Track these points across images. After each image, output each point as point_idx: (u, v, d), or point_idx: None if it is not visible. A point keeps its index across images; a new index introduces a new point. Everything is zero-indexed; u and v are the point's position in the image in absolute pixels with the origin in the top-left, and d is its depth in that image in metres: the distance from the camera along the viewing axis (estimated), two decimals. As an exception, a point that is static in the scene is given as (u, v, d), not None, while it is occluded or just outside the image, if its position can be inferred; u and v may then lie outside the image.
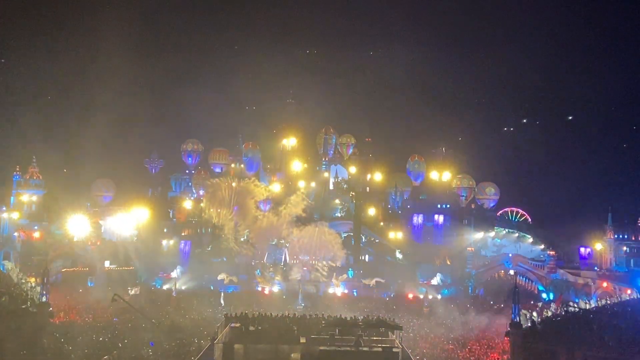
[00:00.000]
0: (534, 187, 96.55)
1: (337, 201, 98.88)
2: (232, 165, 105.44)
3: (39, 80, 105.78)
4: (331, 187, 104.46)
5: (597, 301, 60.71)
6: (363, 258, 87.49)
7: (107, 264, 77.76)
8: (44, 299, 50.50)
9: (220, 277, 76.91)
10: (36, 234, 79.22)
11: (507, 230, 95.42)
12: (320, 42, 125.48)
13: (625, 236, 79.96)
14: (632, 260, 78.14)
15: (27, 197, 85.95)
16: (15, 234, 77.15)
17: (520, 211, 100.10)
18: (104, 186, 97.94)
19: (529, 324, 53.46)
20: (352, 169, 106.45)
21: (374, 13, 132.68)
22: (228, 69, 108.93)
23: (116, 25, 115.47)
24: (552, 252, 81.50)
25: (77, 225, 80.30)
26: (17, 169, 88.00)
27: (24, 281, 57.44)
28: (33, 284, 56.64)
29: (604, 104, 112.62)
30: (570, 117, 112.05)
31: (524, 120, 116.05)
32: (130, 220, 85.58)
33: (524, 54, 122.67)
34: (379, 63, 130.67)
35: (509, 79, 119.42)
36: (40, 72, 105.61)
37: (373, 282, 78.05)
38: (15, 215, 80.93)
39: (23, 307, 49.50)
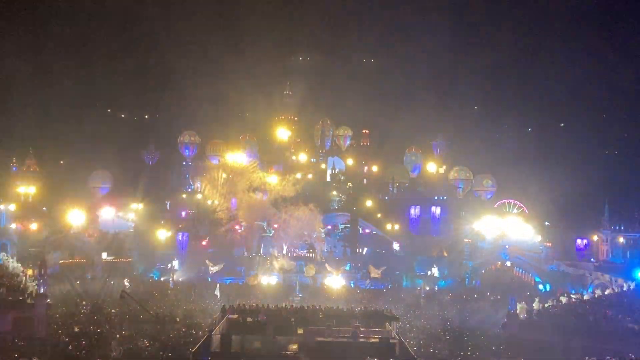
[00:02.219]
0: (530, 179, 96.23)
1: (334, 193, 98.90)
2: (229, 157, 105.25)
3: (35, 71, 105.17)
4: (328, 178, 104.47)
5: (593, 292, 60.98)
6: (360, 250, 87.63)
7: (104, 255, 77.79)
8: (41, 291, 50.65)
9: (212, 268, 77.00)
10: (33, 226, 78.99)
11: (504, 222, 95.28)
12: (319, 34, 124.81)
13: (622, 227, 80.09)
14: (628, 252, 78.28)
15: (24, 189, 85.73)
16: (12, 225, 77.05)
17: (518, 203, 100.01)
18: (101, 178, 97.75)
19: (525, 315, 53.83)
20: (350, 161, 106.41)
21: (372, 6, 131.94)
22: (226, 61, 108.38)
23: (113, 16, 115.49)
24: (548, 244, 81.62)
25: (74, 217, 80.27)
26: (14, 161, 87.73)
27: (21, 273, 57.44)
28: (30, 276, 56.76)
29: (602, 97, 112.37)
30: (568, 113, 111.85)
31: (522, 117, 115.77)
32: (127, 211, 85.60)
33: (524, 50, 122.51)
34: (377, 55, 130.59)
35: (507, 73, 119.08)
36: (37, 64, 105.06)
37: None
38: (12, 206, 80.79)
39: (20, 298, 49.59)
